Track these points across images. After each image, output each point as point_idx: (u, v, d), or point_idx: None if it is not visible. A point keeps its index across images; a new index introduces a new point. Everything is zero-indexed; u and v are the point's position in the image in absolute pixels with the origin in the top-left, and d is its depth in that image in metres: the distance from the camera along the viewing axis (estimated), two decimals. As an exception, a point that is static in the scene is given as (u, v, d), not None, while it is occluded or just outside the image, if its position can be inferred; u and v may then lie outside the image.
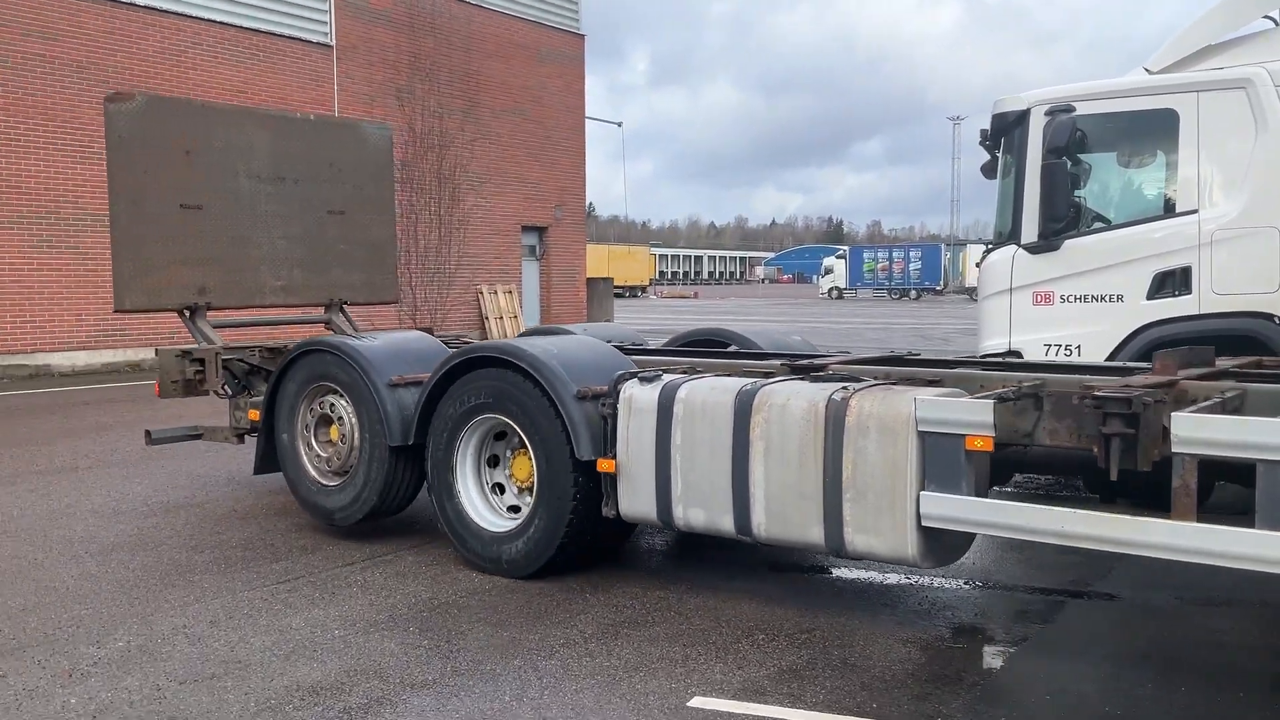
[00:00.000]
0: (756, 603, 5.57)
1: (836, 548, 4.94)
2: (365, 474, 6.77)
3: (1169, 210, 7.54)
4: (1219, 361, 5.70)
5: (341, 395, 6.96)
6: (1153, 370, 5.07)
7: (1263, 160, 7.09)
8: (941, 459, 4.60)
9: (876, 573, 6.16)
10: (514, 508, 6.19)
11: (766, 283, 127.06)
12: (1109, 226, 7.82)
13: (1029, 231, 7.74)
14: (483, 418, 6.16)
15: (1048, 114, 7.50)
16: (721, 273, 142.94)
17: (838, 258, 76.61)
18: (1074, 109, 7.43)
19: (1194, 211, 7.31)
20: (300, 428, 7.26)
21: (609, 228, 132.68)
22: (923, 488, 4.66)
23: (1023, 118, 7.80)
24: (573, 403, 5.67)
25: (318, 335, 7.51)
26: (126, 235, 8.15)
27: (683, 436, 5.34)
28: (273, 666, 4.71)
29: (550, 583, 5.89)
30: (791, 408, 5.01)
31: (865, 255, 74.50)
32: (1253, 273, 7.10)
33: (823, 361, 6.06)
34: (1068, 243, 7.62)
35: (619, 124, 54.80)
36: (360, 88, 23.60)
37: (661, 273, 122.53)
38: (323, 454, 7.14)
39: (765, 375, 5.62)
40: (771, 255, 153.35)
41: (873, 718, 4.17)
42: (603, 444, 5.63)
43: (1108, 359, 7.27)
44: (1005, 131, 8.12)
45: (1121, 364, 6.57)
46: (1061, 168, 7.37)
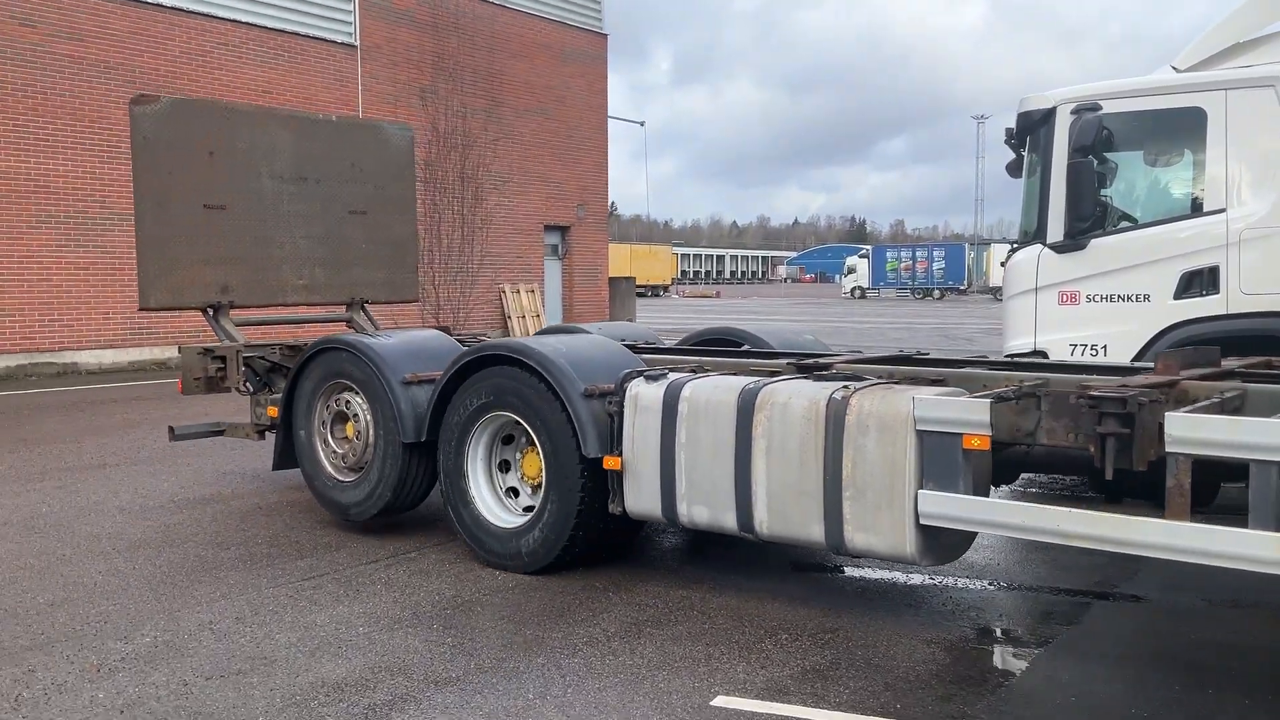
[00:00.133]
0: (779, 602, 5.56)
1: (836, 545, 4.98)
2: (380, 470, 6.85)
3: (1196, 209, 7.48)
4: (1230, 361, 5.68)
5: (357, 392, 7.04)
6: (1155, 370, 5.07)
7: (1292, 159, 7.03)
8: (939, 458, 4.63)
9: (900, 573, 6.14)
10: (524, 505, 6.26)
11: (789, 282, 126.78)
12: (1135, 226, 7.76)
13: (1055, 231, 7.69)
14: (493, 415, 6.23)
15: (1074, 112, 7.45)
16: (744, 272, 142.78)
17: (860, 257, 76.39)
18: (1100, 107, 7.38)
19: (1222, 210, 7.24)
20: (317, 424, 7.34)
21: (631, 227, 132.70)
22: (921, 486, 4.69)
23: (1049, 116, 7.75)
24: (580, 400, 5.72)
25: (334, 333, 7.56)
26: (151, 235, 8.27)
27: (687, 434, 5.39)
28: (298, 663, 4.74)
29: (573, 581, 5.90)
30: (793, 406, 5.05)
31: (888, 255, 74.26)
32: (1282, 272, 7.03)
33: (828, 360, 6.08)
34: (1094, 242, 7.57)
35: (641, 123, 54.74)
36: (384, 88, 23.70)
37: (684, 272, 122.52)
38: (339, 450, 7.23)
39: (771, 374, 5.65)
40: (794, 255, 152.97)
41: (896, 718, 4.16)
42: (609, 441, 5.69)
43: (1134, 359, 7.22)
44: (1031, 130, 8.07)
45: (1126, 364, 6.52)
46: (1088, 166, 7.32)
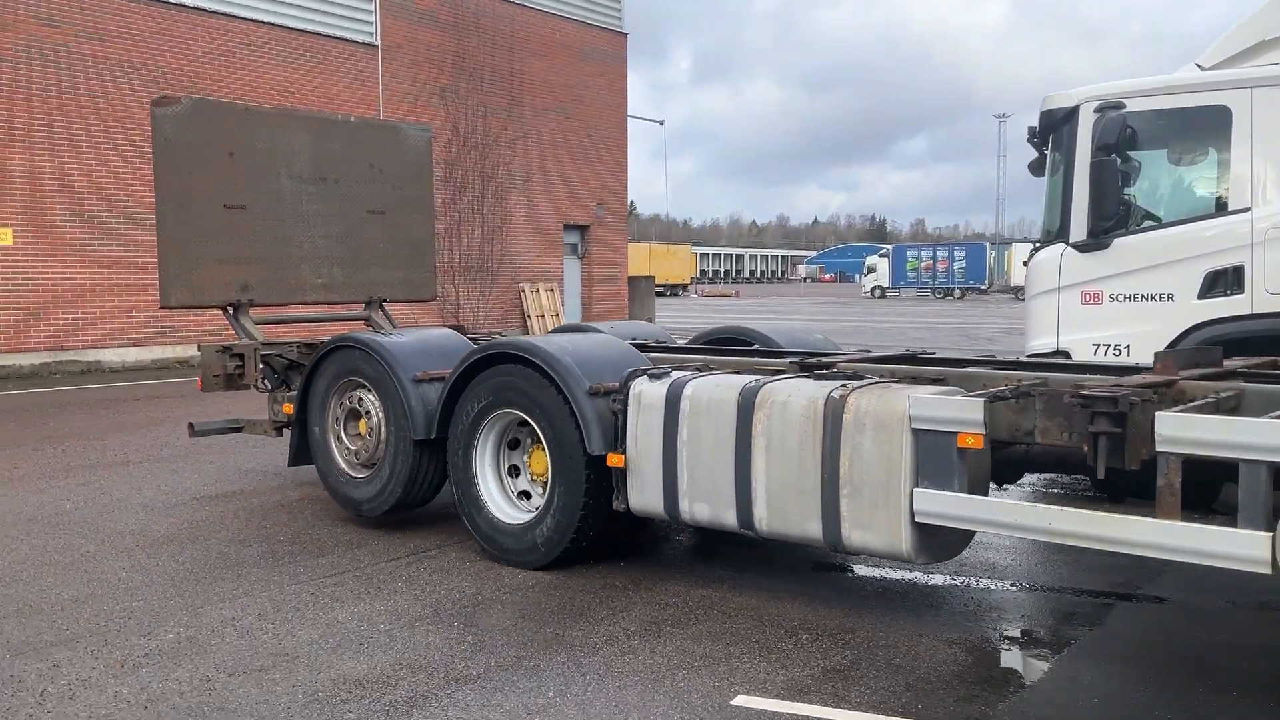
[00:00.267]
0: (800, 602, 5.55)
1: (834, 542, 5.01)
2: (391, 466, 6.93)
3: (1221, 208, 7.43)
4: (1233, 361, 5.68)
5: (369, 390, 7.13)
6: (1153, 370, 5.09)
7: (1319, 157, 6.97)
8: (934, 456, 4.66)
9: (921, 574, 6.12)
10: (528, 496, 6.35)
11: (808, 281, 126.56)
12: (1159, 225, 7.71)
13: (1078, 230, 7.64)
14: (500, 413, 6.31)
15: (1097, 111, 7.41)
16: (763, 271, 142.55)
17: (881, 256, 76.12)
18: (1124, 106, 7.33)
19: (1247, 210, 7.18)
20: (331, 421, 7.43)
21: (650, 226, 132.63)
22: (917, 484, 4.71)
23: (1072, 115, 7.70)
24: (585, 398, 5.78)
25: (347, 331, 7.64)
26: (172, 234, 8.38)
27: (688, 432, 5.44)
28: (320, 659, 4.76)
29: (593, 580, 5.91)
30: (792, 405, 5.09)
31: (909, 254, 74.00)
32: (1308, 272, 6.97)
33: (831, 359, 6.10)
34: (1117, 241, 7.52)
35: (661, 122, 54.89)
36: (405, 87, 23.78)
37: (703, 271, 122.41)
38: (352, 447, 7.32)
39: (774, 373, 5.69)
40: (814, 254, 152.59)
41: (918, 719, 4.14)
42: (613, 439, 5.74)
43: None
44: (1054, 129, 8.03)
45: (1128, 364, 6.48)
46: (1111, 165, 7.27)
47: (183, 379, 17.14)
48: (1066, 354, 7.60)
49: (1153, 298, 7.43)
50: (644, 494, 5.65)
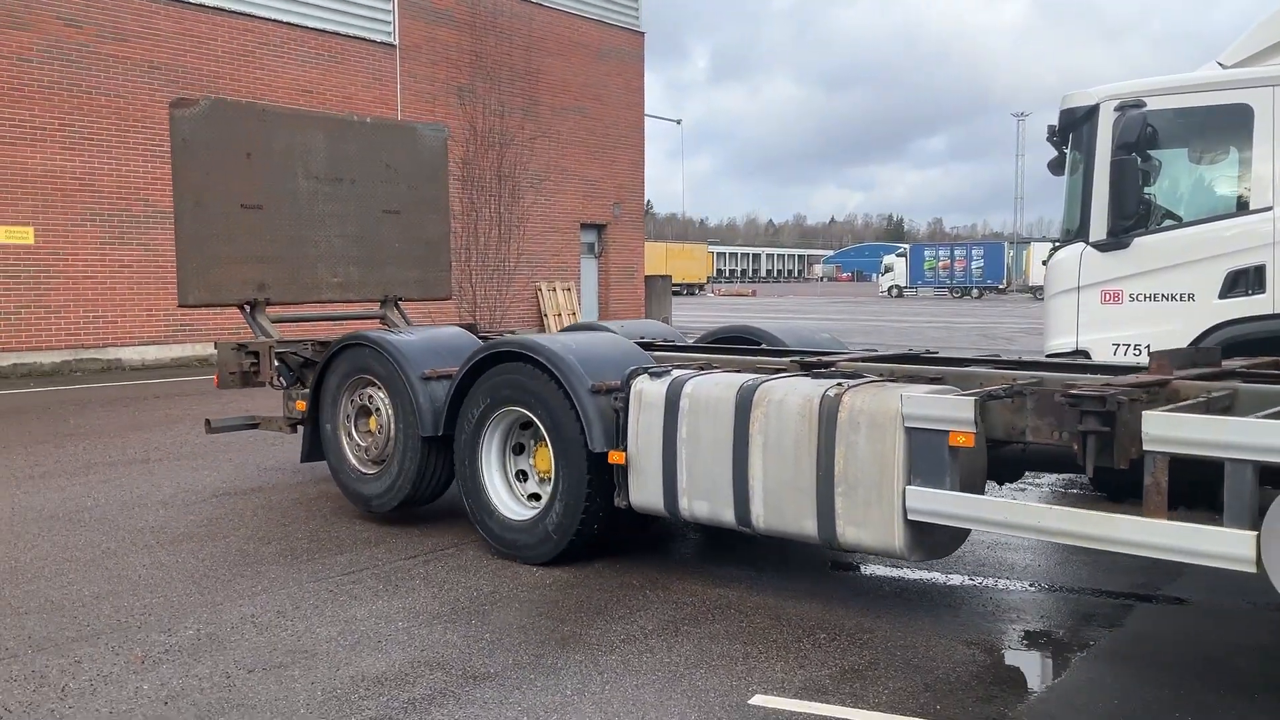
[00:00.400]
0: (817, 602, 5.55)
1: (829, 539, 5.05)
2: (400, 463, 7.01)
3: (1242, 208, 7.38)
4: (1233, 362, 5.69)
5: (379, 387, 7.21)
6: (1149, 370, 5.10)
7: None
8: (927, 454, 4.70)
9: (940, 574, 6.10)
10: (535, 496, 6.41)
11: (825, 281, 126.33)
12: (1180, 224, 7.67)
13: (1098, 229, 7.61)
14: (506, 410, 6.39)
15: (1118, 109, 7.37)
16: (779, 271, 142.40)
17: (898, 256, 75.88)
18: (1145, 104, 7.30)
19: (1268, 209, 7.14)
20: (342, 418, 7.53)
21: (667, 225, 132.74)
22: (909, 482, 4.74)
23: (1092, 113, 7.67)
24: (587, 396, 5.85)
25: (358, 330, 7.72)
26: (190, 234, 8.50)
27: (688, 430, 5.49)
28: (339, 656, 4.78)
29: (610, 579, 5.92)
30: (788, 403, 5.13)
31: (926, 253, 73.73)
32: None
33: (831, 358, 6.14)
34: (1137, 240, 7.49)
35: (678, 121, 54.94)
36: (423, 87, 23.85)
37: (719, 271, 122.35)
38: (362, 443, 7.41)
39: (775, 372, 5.74)
40: (830, 253, 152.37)
41: (935, 719, 4.13)
42: (615, 436, 5.80)
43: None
44: (1074, 127, 8.00)
45: (1125, 364, 6.45)
46: (1131, 164, 7.24)
47: (202, 377, 17.22)
48: (1086, 354, 7.57)
49: (1173, 297, 7.39)
50: (644, 491, 5.71)
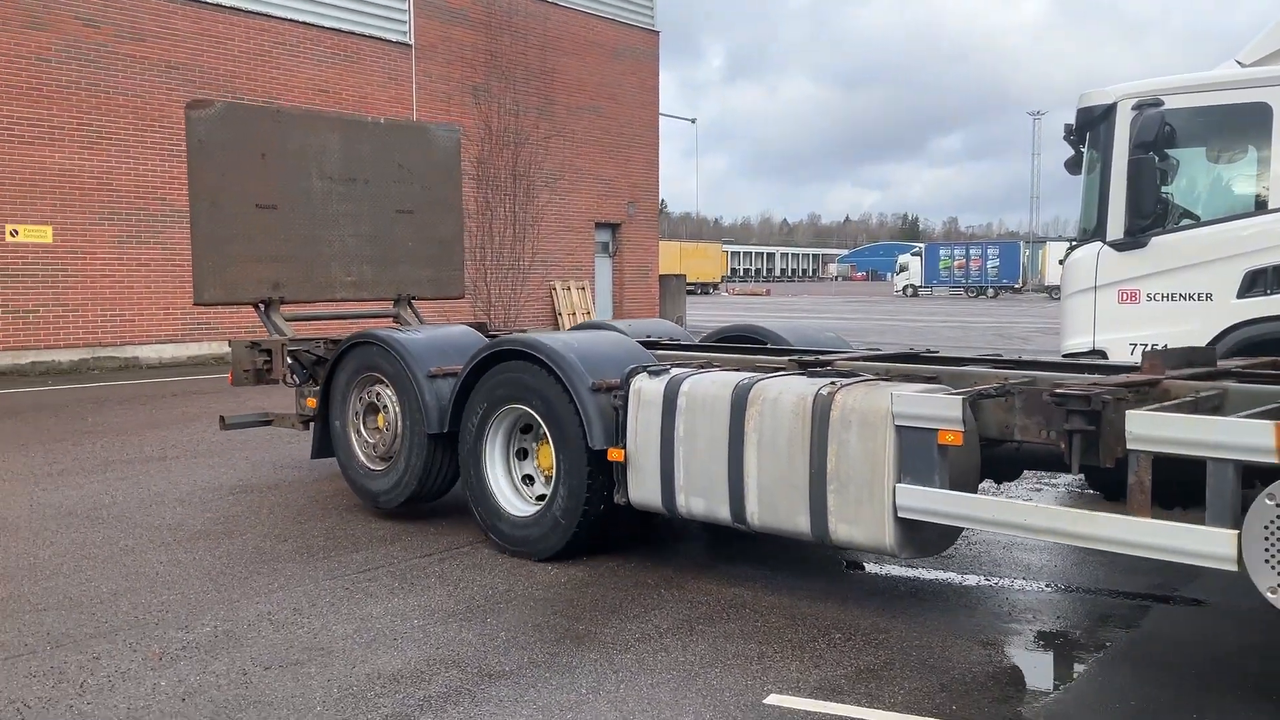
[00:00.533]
0: (832, 602, 5.54)
1: (821, 536, 5.08)
2: (406, 460, 7.09)
3: (1260, 207, 7.34)
4: (1229, 362, 5.71)
5: (386, 385, 7.29)
6: (1141, 369, 5.13)
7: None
8: (916, 452, 4.72)
9: (955, 574, 6.09)
10: (538, 494, 6.47)
11: (840, 280, 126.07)
12: (1198, 223, 7.64)
13: (1115, 228, 7.58)
14: (509, 408, 6.46)
15: (1135, 108, 7.35)
16: (794, 270, 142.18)
17: (913, 255, 75.68)
18: (1162, 103, 7.27)
19: (1288, 208, 7.10)
20: (351, 415, 7.61)
21: (681, 224, 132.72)
22: (899, 480, 4.77)
23: (1109, 112, 7.64)
24: (587, 394, 5.92)
25: (367, 328, 7.80)
26: (205, 233, 8.62)
27: (685, 428, 5.54)
28: (354, 654, 4.79)
29: (625, 578, 5.93)
30: (782, 402, 5.18)
31: (941, 252, 73.51)
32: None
33: (829, 357, 6.18)
34: (1155, 240, 7.46)
35: (693, 120, 54.96)
36: (438, 86, 23.90)
37: (733, 270, 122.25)
38: (370, 440, 7.49)
39: (773, 370, 5.78)
40: (845, 252, 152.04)
41: (952, 720, 4.13)
42: (614, 434, 5.86)
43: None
44: (1091, 126, 7.97)
45: (1120, 364, 6.43)
46: (1149, 163, 7.21)
47: (218, 375, 17.29)
48: (1103, 353, 7.55)
49: (1191, 297, 7.35)
50: (643, 488, 5.77)
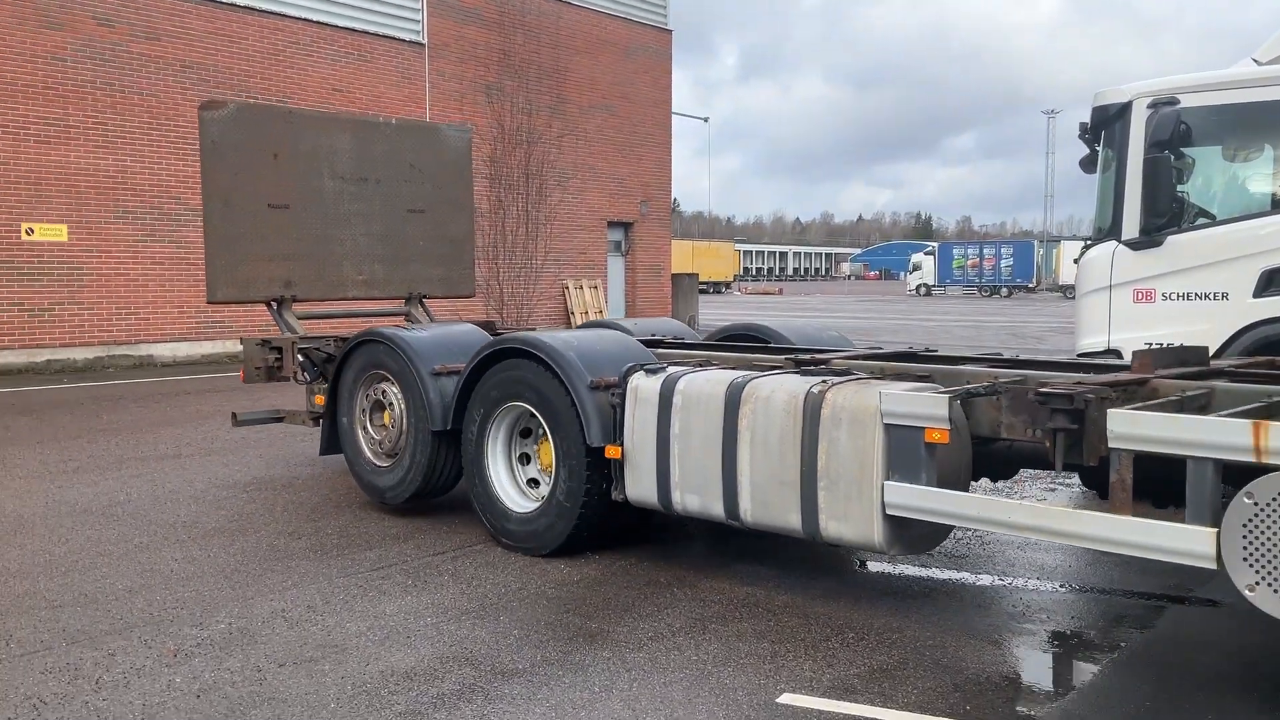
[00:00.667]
0: (845, 601, 5.53)
1: (812, 533, 5.12)
2: (411, 456, 7.17)
3: (1277, 206, 7.31)
4: (1223, 361, 5.76)
5: (392, 382, 7.37)
6: (1131, 368, 5.16)
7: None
8: (904, 450, 4.76)
9: (969, 574, 6.07)
10: (539, 491, 6.54)
11: (852, 279, 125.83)
12: (1214, 222, 7.60)
13: (1130, 227, 7.55)
14: (510, 405, 6.53)
15: (1151, 106, 7.32)
16: (806, 269, 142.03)
17: (926, 254, 75.47)
18: (1178, 101, 7.24)
19: (1305, 207, 7.06)
20: (358, 412, 7.69)
21: (693, 223, 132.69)
22: (888, 477, 4.80)
23: (1124, 110, 7.61)
24: (586, 392, 5.98)
25: (373, 326, 7.86)
26: (218, 233, 8.71)
27: (680, 426, 5.59)
28: (368, 651, 4.81)
29: (637, 576, 5.93)
30: (775, 400, 5.22)
31: (955, 251, 73.26)
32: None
33: (825, 356, 6.23)
34: (1170, 239, 7.42)
35: (705, 119, 54.89)
36: (451, 85, 23.93)
37: (746, 269, 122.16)
38: (376, 437, 7.57)
39: (770, 369, 5.83)
40: (858, 251, 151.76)
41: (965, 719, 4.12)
42: (612, 431, 5.91)
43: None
44: (1106, 125, 7.94)
45: (1111, 363, 6.41)
46: (1165, 162, 7.18)
47: (232, 374, 17.33)
48: (1118, 353, 7.51)
49: (1207, 296, 7.32)
50: (639, 485, 5.82)
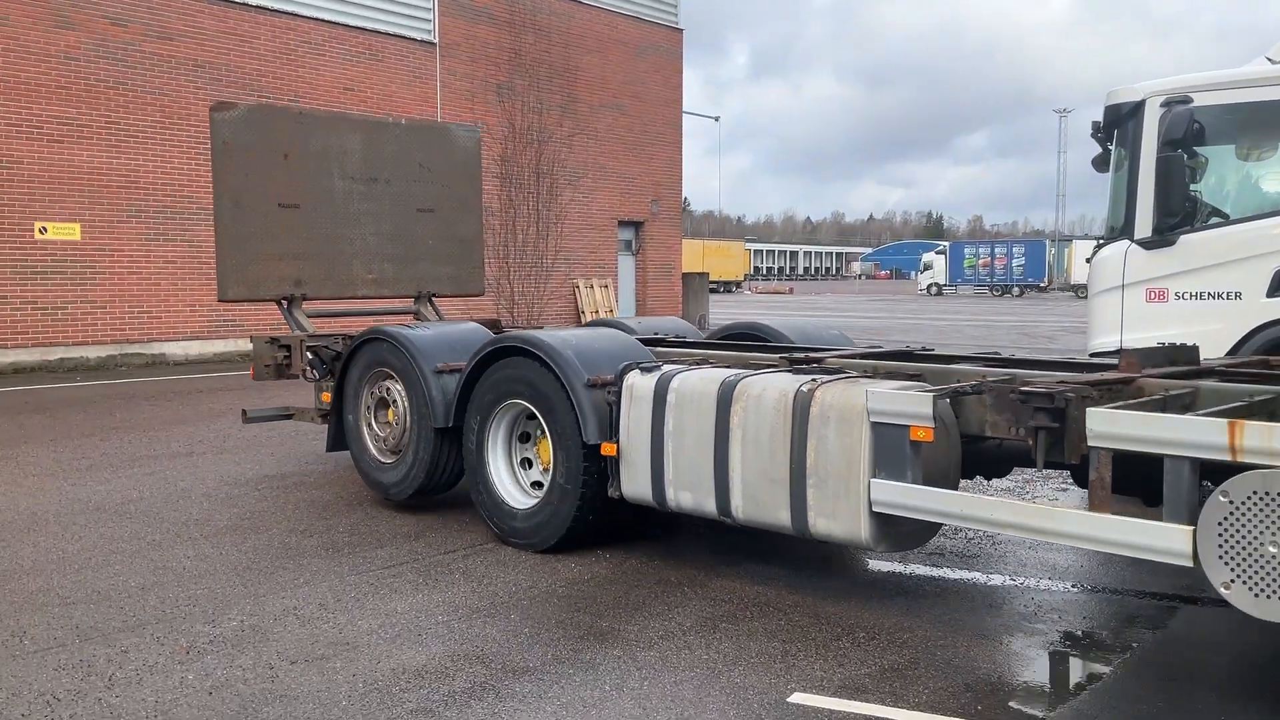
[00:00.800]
0: (856, 601, 5.53)
1: (801, 530, 5.16)
2: (414, 453, 7.24)
3: (1292, 205, 7.26)
4: (1212, 360, 5.75)
5: (396, 380, 7.45)
6: (1119, 368, 5.19)
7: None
8: (890, 448, 4.81)
9: (980, 574, 6.06)
10: (538, 486, 6.59)
11: (863, 279, 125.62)
12: (1227, 222, 7.56)
13: (1143, 226, 7.52)
14: (510, 403, 6.60)
15: (1164, 105, 7.29)
16: (817, 268, 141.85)
17: (937, 253, 75.34)
18: (1191, 100, 7.21)
19: (1319, 206, 7.02)
20: (363, 409, 7.77)
21: (704, 223, 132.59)
22: (874, 475, 4.85)
23: (1138, 109, 7.58)
24: (583, 390, 6.05)
25: (378, 325, 7.91)
26: (229, 232, 8.80)
27: (674, 423, 5.66)
28: (379, 649, 4.82)
29: (648, 575, 5.94)
30: (765, 398, 5.28)
31: (966, 251, 73.10)
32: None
33: (820, 355, 6.28)
34: (1184, 238, 7.39)
35: (716, 118, 54.96)
36: (462, 84, 23.96)
37: (756, 268, 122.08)
38: (381, 434, 7.65)
39: (764, 367, 5.88)
40: (869, 251, 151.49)
41: (977, 720, 4.11)
42: (608, 429, 5.97)
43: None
44: (1119, 123, 7.91)
45: (1100, 362, 6.40)
46: (1178, 161, 7.15)
47: (244, 372, 17.38)
48: (1130, 353, 7.48)
49: (1220, 296, 7.29)
50: (634, 482, 5.88)
